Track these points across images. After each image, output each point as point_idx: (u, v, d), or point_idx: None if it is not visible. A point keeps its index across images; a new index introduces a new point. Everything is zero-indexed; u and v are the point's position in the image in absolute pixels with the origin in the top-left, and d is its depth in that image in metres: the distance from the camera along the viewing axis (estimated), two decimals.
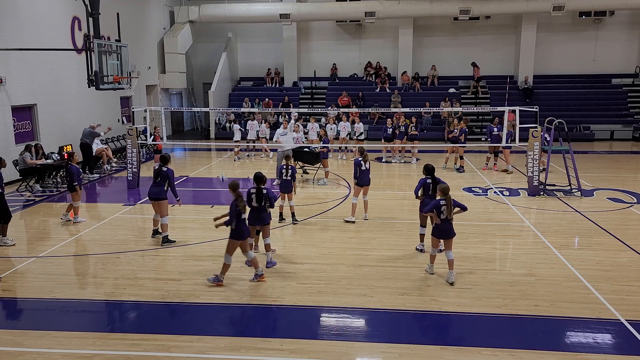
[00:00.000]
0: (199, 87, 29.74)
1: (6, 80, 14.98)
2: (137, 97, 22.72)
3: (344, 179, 15.55)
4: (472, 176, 15.96)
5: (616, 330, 6.48)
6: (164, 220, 9.73)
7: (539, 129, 13.31)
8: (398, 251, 9.33)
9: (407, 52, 27.15)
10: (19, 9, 15.57)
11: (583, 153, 19.60)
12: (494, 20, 26.96)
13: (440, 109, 22.61)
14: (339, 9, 25.77)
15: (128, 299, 7.49)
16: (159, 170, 9.58)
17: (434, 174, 8.75)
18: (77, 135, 17.86)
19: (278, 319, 7.03)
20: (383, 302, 7.29)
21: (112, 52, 14.32)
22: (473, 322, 6.77)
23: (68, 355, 6.01)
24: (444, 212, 7.72)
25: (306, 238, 10.18)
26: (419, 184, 8.82)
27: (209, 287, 7.80)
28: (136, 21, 22.68)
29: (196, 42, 27.68)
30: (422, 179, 8.81)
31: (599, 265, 8.62)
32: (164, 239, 9.76)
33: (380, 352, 6.10)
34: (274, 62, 28.71)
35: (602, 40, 26.59)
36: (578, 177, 13.43)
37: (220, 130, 25.51)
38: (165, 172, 9.53)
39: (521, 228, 10.83)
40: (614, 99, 25.58)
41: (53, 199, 13.77)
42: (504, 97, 24.86)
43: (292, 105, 25.02)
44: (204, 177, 16.59)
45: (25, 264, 8.87)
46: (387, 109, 21.70)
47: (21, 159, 14.32)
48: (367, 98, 25.91)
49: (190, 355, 6.02)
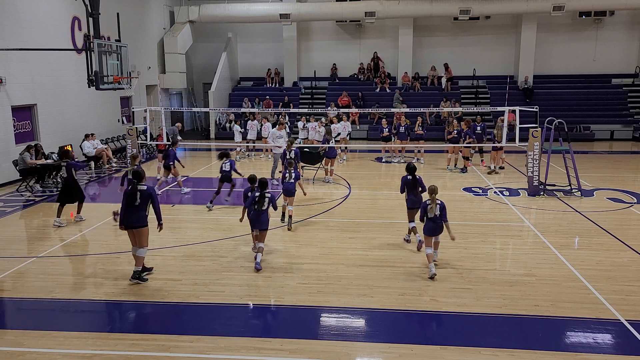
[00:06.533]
0: (199, 87, 29.73)
1: (6, 80, 14.98)
2: (137, 97, 22.72)
3: (344, 179, 15.55)
4: (472, 176, 15.95)
5: (616, 330, 6.48)
6: (142, 253, 7.95)
7: (538, 130, 13.31)
8: (398, 251, 9.33)
9: (407, 52, 27.13)
10: (19, 9, 15.57)
11: (583, 153, 19.59)
12: (494, 20, 26.96)
13: (440, 109, 22.60)
14: (339, 9, 25.76)
15: (128, 299, 7.48)
16: (136, 190, 7.75)
17: (414, 172, 9.19)
18: (77, 135, 17.89)
19: (278, 319, 7.03)
20: (383, 302, 7.29)
21: (112, 52, 14.31)
22: (473, 322, 6.76)
23: (68, 355, 6.01)
24: (430, 210, 7.99)
25: (306, 238, 10.17)
26: (402, 182, 9.33)
27: (209, 287, 7.80)
28: (136, 21, 22.68)
29: (196, 42, 27.68)
30: (404, 177, 9.29)
31: (599, 265, 8.62)
32: (136, 273, 7.91)
33: (380, 352, 6.10)
34: (274, 62, 28.70)
35: (602, 40, 26.57)
36: (578, 177, 13.43)
37: (220, 130, 25.50)
38: (147, 191, 7.80)
39: (521, 228, 10.83)
40: (614, 99, 25.56)
41: (53, 199, 13.75)
42: (504, 97, 24.86)
43: (292, 106, 25.02)
44: (204, 177, 16.59)
45: (25, 264, 8.87)
46: (387, 109, 21.70)
47: (21, 158, 14.32)
48: (367, 98, 25.91)
49: (190, 355, 6.02)
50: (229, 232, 10.50)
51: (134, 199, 7.72)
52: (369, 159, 19.54)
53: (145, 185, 7.87)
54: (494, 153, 16.30)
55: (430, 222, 8.06)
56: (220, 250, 9.45)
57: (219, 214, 12.03)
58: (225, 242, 9.94)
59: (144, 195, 7.75)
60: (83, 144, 17.70)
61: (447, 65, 26.56)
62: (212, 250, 9.48)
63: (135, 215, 7.78)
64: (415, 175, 9.15)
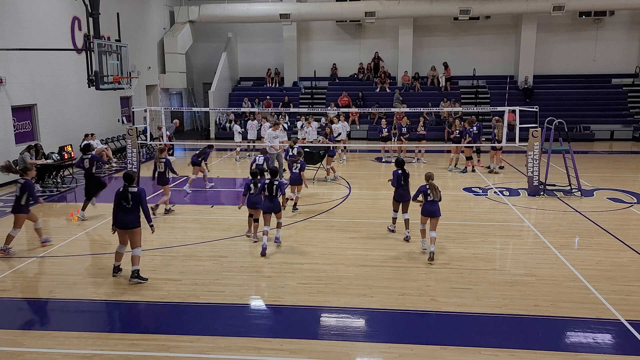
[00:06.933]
0: (199, 87, 29.74)
1: (6, 80, 14.98)
2: (137, 97, 22.71)
3: (344, 179, 15.55)
4: (472, 176, 15.95)
5: (616, 330, 6.48)
6: (138, 252, 8.04)
7: (538, 130, 13.31)
8: (398, 251, 9.34)
9: (407, 52, 27.14)
10: (19, 9, 15.57)
11: (583, 153, 19.60)
12: (494, 20, 26.96)
13: (440, 109, 22.61)
14: (339, 9, 25.76)
15: (128, 299, 7.49)
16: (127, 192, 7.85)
17: (403, 166, 9.91)
18: (77, 135, 17.89)
19: (278, 319, 7.03)
20: (383, 302, 7.29)
21: (112, 52, 14.30)
22: (473, 322, 6.77)
23: (68, 355, 6.01)
24: (430, 195, 8.76)
25: (306, 238, 10.18)
26: (394, 176, 9.88)
27: (209, 287, 7.81)
28: (136, 21, 22.68)
29: (196, 42, 27.68)
30: (395, 171, 9.91)
31: (599, 265, 8.62)
32: (135, 273, 7.99)
33: (380, 352, 6.10)
34: (274, 62, 28.70)
35: (602, 40, 26.58)
36: (578, 177, 13.43)
37: (221, 130, 25.51)
38: (137, 192, 7.87)
39: (521, 228, 10.83)
40: (614, 99, 25.56)
41: (53, 199, 13.77)
42: (504, 97, 24.87)
43: (292, 106, 25.02)
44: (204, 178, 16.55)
45: (25, 264, 8.87)
46: (387, 109, 21.69)
47: (21, 158, 14.30)
48: (367, 98, 25.91)
49: (190, 355, 6.02)
50: (229, 232, 10.50)
51: (126, 201, 7.82)
52: (369, 159, 19.54)
53: (136, 188, 7.95)
54: (493, 152, 16.31)
55: (428, 204, 8.85)
56: (220, 250, 9.45)
57: (219, 214, 12.04)
58: (225, 242, 9.94)
59: (135, 196, 7.86)
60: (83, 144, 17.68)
61: (447, 64, 26.59)
62: (212, 250, 9.48)
63: (129, 216, 7.89)
64: (405, 169, 9.84)
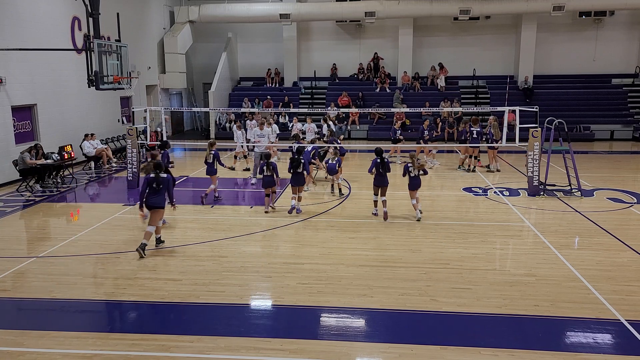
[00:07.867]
0: (199, 87, 29.73)
1: (6, 80, 14.98)
2: (137, 97, 22.71)
3: (344, 179, 15.53)
4: (472, 176, 15.94)
5: (616, 330, 6.48)
6: (152, 229, 9.30)
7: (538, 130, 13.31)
8: (398, 251, 9.34)
9: (407, 52, 27.13)
10: (19, 9, 15.57)
11: (583, 153, 19.60)
12: (494, 20, 26.95)
13: (440, 108, 22.61)
14: (339, 9, 25.76)
15: (128, 299, 7.49)
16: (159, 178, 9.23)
17: (382, 155, 11.08)
18: (77, 135, 17.89)
19: (278, 319, 7.02)
20: (383, 302, 7.29)
21: (112, 52, 14.31)
22: (473, 322, 6.76)
23: (68, 355, 6.01)
24: (412, 171, 10.85)
25: (306, 238, 10.18)
26: (372, 164, 11.10)
27: (209, 287, 7.81)
28: (136, 21, 22.68)
29: (196, 42, 27.67)
30: (374, 159, 11.09)
31: (599, 265, 8.62)
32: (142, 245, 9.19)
33: (380, 352, 6.10)
34: (274, 62, 28.70)
35: (602, 40, 26.57)
36: (578, 177, 13.43)
37: (221, 130, 25.50)
38: (167, 178, 9.33)
39: (521, 228, 10.83)
40: (614, 99, 25.55)
41: (53, 199, 13.77)
42: (504, 97, 24.86)
43: (292, 105, 25.02)
44: (204, 177, 16.54)
45: (25, 264, 8.87)
46: (387, 109, 21.67)
47: (21, 158, 14.31)
48: (367, 98, 25.90)
49: (190, 355, 6.02)
50: (229, 232, 10.51)
51: (157, 184, 9.21)
52: (369, 159, 19.43)
53: (165, 174, 9.44)
54: (491, 152, 16.30)
55: (412, 179, 10.90)
56: (220, 250, 9.45)
57: (219, 214, 12.04)
58: (225, 242, 9.94)
59: (164, 181, 9.29)
60: (83, 144, 17.72)
61: (442, 64, 26.61)
62: (212, 250, 9.48)
63: (158, 197, 9.31)
64: (383, 157, 11.03)
